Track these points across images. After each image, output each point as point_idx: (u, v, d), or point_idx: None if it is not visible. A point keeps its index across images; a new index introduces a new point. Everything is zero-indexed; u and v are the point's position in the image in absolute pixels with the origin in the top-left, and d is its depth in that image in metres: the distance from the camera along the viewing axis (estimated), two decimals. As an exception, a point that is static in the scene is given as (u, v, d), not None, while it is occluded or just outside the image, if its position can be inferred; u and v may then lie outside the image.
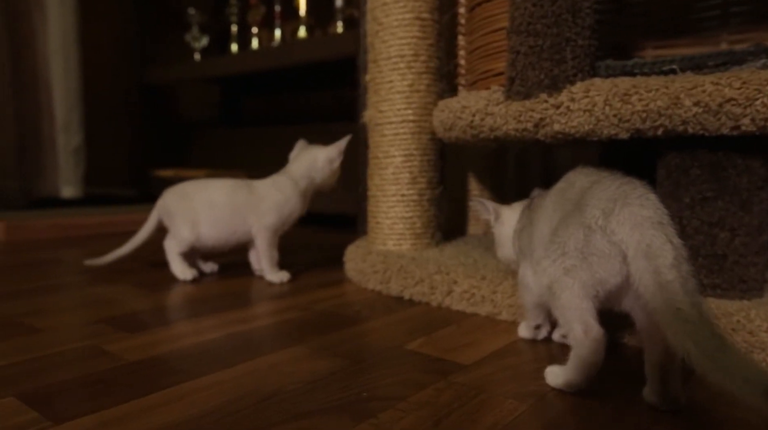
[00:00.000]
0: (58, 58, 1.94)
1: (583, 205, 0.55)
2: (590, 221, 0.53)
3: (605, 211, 0.53)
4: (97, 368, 0.61)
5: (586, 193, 0.56)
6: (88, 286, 1.02)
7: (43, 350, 0.67)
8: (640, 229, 0.50)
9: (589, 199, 0.55)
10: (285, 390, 0.56)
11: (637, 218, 0.50)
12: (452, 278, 0.90)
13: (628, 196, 0.52)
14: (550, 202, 0.64)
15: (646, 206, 0.51)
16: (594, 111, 0.72)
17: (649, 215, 0.50)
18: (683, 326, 0.43)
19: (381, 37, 1.08)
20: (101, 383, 0.57)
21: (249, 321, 0.81)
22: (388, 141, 1.09)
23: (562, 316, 0.56)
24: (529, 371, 0.63)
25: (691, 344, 0.42)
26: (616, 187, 0.54)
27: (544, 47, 0.77)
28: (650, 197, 0.52)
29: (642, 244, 0.49)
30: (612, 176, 0.56)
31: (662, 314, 0.45)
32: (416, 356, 0.67)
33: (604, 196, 0.54)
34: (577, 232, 0.54)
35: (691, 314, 0.43)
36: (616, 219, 0.52)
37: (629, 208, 0.51)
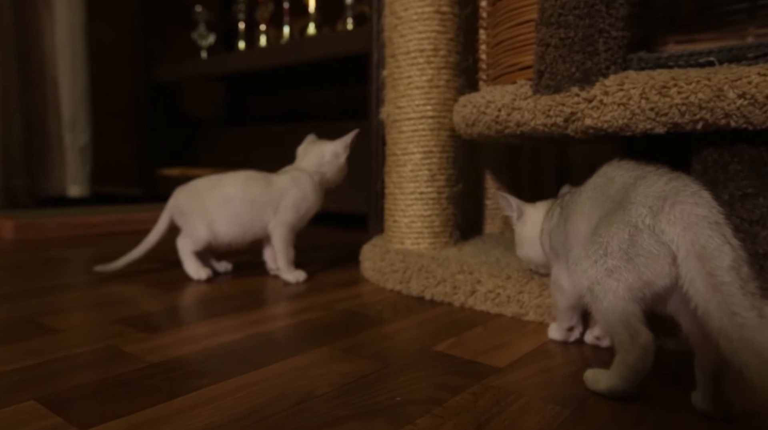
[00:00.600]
0: (65, 56, 1.92)
1: (627, 202, 0.53)
2: (636, 220, 0.51)
3: (653, 209, 0.50)
4: (119, 370, 0.59)
5: (630, 190, 0.54)
6: (100, 285, 1.00)
7: (61, 352, 0.64)
8: (695, 229, 0.47)
9: (633, 197, 0.52)
10: (317, 394, 0.54)
11: (690, 218, 0.48)
12: (476, 278, 0.88)
13: (679, 193, 0.50)
14: (586, 198, 0.61)
15: (700, 204, 0.48)
16: (629, 105, 0.70)
17: (704, 213, 0.48)
18: (739, 333, 0.40)
19: (399, 31, 1.06)
20: (124, 386, 0.55)
21: (269, 322, 0.79)
22: (406, 138, 1.07)
23: (606, 320, 0.53)
24: (564, 374, 0.61)
25: (748, 352, 0.39)
26: (664, 183, 0.51)
27: (575, 39, 0.74)
28: (704, 195, 0.50)
29: (696, 244, 0.46)
30: (658, 171, 0.54)
31: (716, 320, 0.42)
32: (447, 358, 0.65)
33: (651, 192, 0.51)
34: (622, 231, 0.52)
35: (749, 318, 0.41)
36: (666, 218, 0.49)
37: (681, 206, 0.49)
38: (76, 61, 1.94)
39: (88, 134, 2.03)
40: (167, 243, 1.11)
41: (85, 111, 2.01)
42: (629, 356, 0.51)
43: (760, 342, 0.39)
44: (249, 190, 1.04)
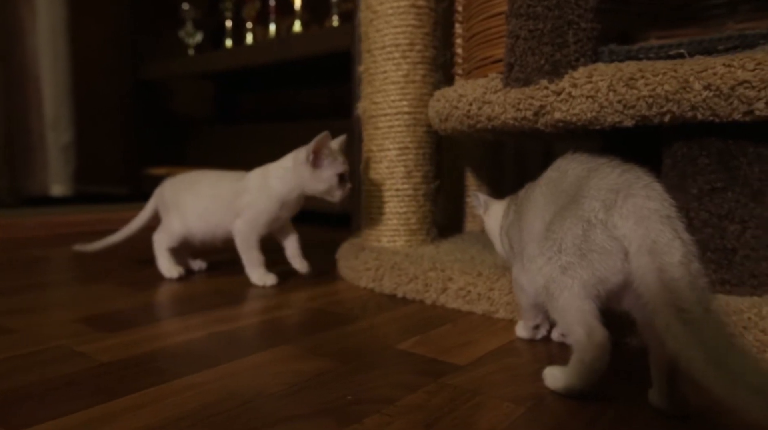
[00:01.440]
0: (47, 54, 1.90)
1: (580, 196, 0.51)
2: (589, 215, 0.49)
3: (606, 203, 0.49)
4: (66, 370, 0.57)
5: (583, 183, 0.52)
6: (72, 284, 0.98)
7: (10, 352, 0.63)
8: (646, 223, 0.46)
9: (587, 190, 0.51)
10: (268, 393, 0.53)
11: (642, 211, 0.46)
12: (447, 275, 0.86)
13: (631, 186, 0.48)
14: (540, 193, 0.60)
15: (652, 197, 0.47)
16: (597, 97, 0.68)
17: (656, 207, 0.46)
18: (685, 329, 0.39)
19: (375, 25, 1.05)
20: (70, 386, 0.54)
21: (234, 320, 0.77)
22: (382, 134, 1.06)
23: (562, 318, 0.52)
24: (527, 372, 0.59)
25: (694, 349, 0.38)
26: (617, 176, 0.50)
27: (544, 31, 0.73)
28: (656, 187, 0.48)
29: (647, 239, 0.45)
30: (611, 163, 0.52)
31: (663, 316, 0.41)
32: (409, 357, 0.63)
33: (604, 185, 0.50)
34: (575, 226, 0.50)
35: (696, 313, 0.40)
36: (619, 212, 0.48)
37: (633, 199, 0.47)
38: (58, 60, 1.93)
39: (72, 133, 2.01)
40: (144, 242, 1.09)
41: (68, 110, 1.99)
42: (585, 354, 0.50)
43: (704, 338, 0.37)
44: (217, 186, 1.02)
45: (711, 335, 0.38)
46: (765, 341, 0.58)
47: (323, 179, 0.94)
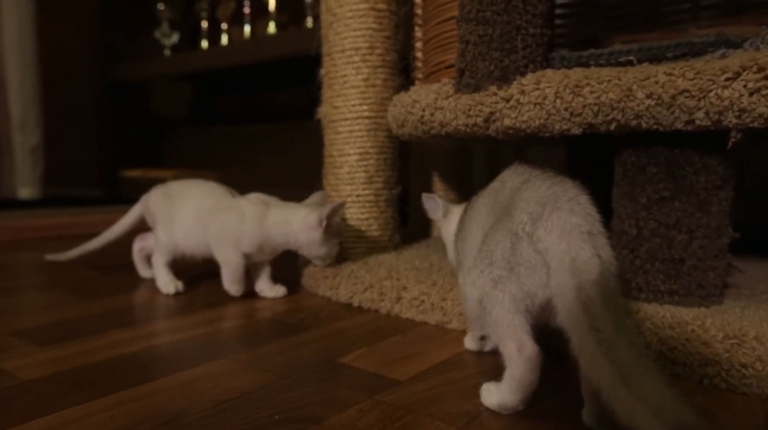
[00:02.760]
0: (14, 53, 1.86)
1: (512, 209, 0.50)
2: (517, 227, 0.48)
3: (533, 215, 0.47)
4: (-14, 388, 0.55)
5: (515, 195, 0.51)
6: (22, 292, 0.95)
7: (-66, 367, 0.60)
8: (568, 238, 0.44)
9: (518, 202, 0.50)
10: (190, 412, 0.51)
11: (565, 226, 0.45)
12: (402, 284, 0.85)
13: (558, 199, 0.47)
14: (482, 204, 0.59)
15: (575, 212, 0.46)
16: (544, 104, 0.67)
17: (578, 222, 0.45)
18: (597, 348, 0.38)
19: (335, 29, 1.03)
20: (-15, 406, 0.51)
21: (178, 331, 0.75)
22: (342, 139, 1.04)
23: (494, 332, 0.51)
24: (469, 387, 0.58)
25: (604, 369, 0.36)
26: (545, 188, 0.49)
27: (494, 36, 0.72)
28: (581, 201, 0.47)
29: (567, 256, 0.44)
30: (542, 175, 0.51)
31: (577, 335, 0.40)
32: (348, 371, 0.62)
33: (533, 198, 0.49)
34: (505, 239, 0.49)
35: (608, 332, 0.38)
36: (544, 225, 0.46)
37: (558, 213, 0.46)
38: (25, 60, 1.89)
39: (39, 135, 1.97)
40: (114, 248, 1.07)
41: (36, 111, 1.95)
42: (516, 369, 0.48)
43: (614, 358, 0.36)
44: (203, 203, 0.95)
45: (621, 355, 0.36)
46: (706, 354, 0.57)
47: (327, 245, 0.91)
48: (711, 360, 0.56)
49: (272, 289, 0.95)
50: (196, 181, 1.01)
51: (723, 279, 0.66)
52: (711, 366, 0.56)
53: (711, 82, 0.55)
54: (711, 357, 0.56)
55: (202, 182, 1.00)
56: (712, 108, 0.56)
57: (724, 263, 0.66)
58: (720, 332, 0.56)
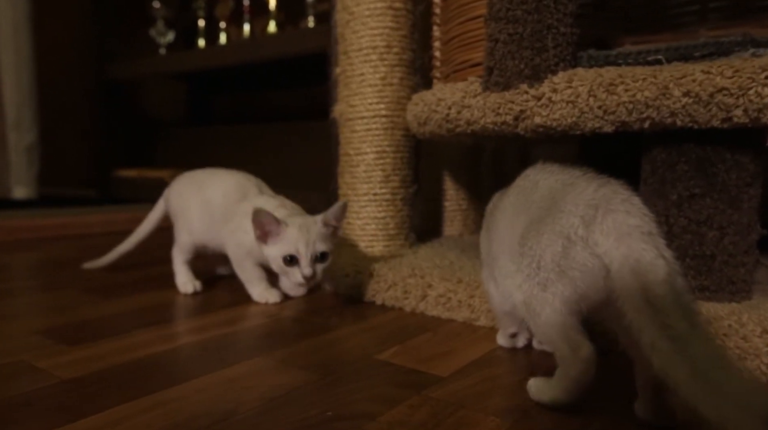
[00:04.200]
0: (9, 52, 1.82)
1: (557, 211, 0.50)
2: (569, 231, 0.48)
3: (585, 219, 0.48)
4: (26, 387, 0.54)
5: (558, 197, 0.51)
6: (33, 292, 0.93)
7: (-36, 368, 0.59)
8: (627, 240, 0.45)
9: (563, 205, 0.50)
10: (241, 410, 0.50)
11: (623, 228, 0.45)
12: (427, 282, 0.85)
13: (610, 200, 0.47)
14: (509, 204, 0.59)
15: (632, 213, 0.46)
16: (577, 102, 0.68)
17: (637, 223, 0.45)
18: (671, 346, 0.38)
19: (352, 27, 1.03)
20: (28, 406, 0.50)
21: (206, 330, 0.74)
22: (359, 137, 1.04)
23: (545, 335, 0.51)
24: (510, 383, 0.58)
25: (680, 366, 0.37)
26: (593, 191, 0.49)
27: (524, 35, 0.72)
28: (635, 202, 0.48)
29: (630, 258, 0.44)
30: (586, 177, 0.52)
31: (648, 334, 0.40)
32: (388, 368, 0.61)
33: (581, 200, 0.49)
34: (554, 243, 0.49)
35: (681, 329, 0.39)
36: (599, 229, 0.46)
37: (613, 215, 0.46)
38: (20, 58, 1.85)
39: (35, 134, 1.94)
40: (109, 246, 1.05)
41: (31, 109, 1.91)
42: (571, 369, 0.49)
43: (690, 355, 0.36)
44: (227, 196, 0.91)
45: (697, 351, 0.37)
46: (745, 348, 0.58)
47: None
48: (750, 354, 0.57)
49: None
50: (224, 170, 0.98)
51: (752, 275, 0.68)
52: (750, 360, 0.57)
53: (750, 80, 0.56)
54: (751, 351, 0.57)
55: (232, 172, 0.97)
56: (751, 106, 0.57)
57: (753, 259, 0.67)
58: (758, 327, 0.57)
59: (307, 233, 0.78)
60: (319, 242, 0.79)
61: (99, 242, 1.53)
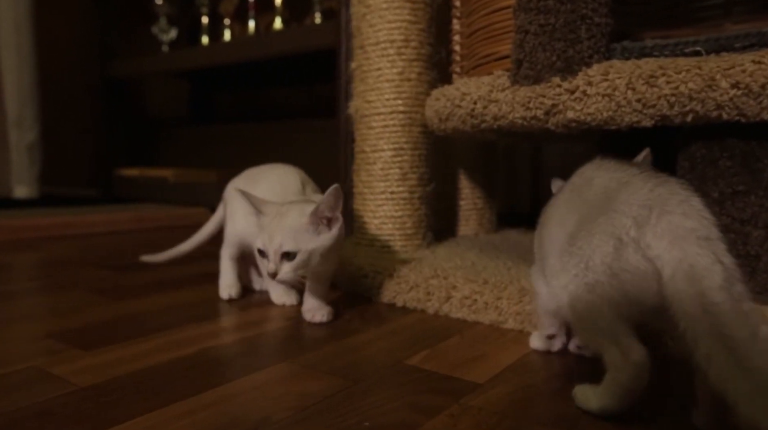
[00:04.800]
0: (10, 50, 1.79)
1: (610, 210, 0.47)
2: (620, 232, 0.46)
3: (638, 220, 0.45)
4: (42, 396, 0.51)
5: (613, 196, 0.48)
6: (40, 294, 0.90)
7: (-26, 375, 0.55)
8: (682, 244, 0.42)
9: (616, 204, 0.47)
10: (275, 419, 0.47)
11: (678, 231, 0.43)
12: (451, 283, 0.82)
13: (666, 202, 0.44)
14: (563, 201, 0.56)
15: (689, 216, 0.43)
16: (614, 96, 0.65)
17: (693, 226, 0.43)
18: (729, 357, 0.35)
19: (368, 20, 1.00)
20: (46, 416, 0.47)
21: (224, 334, 0.71)
22: (376, 134, 1.01)
23: (592, 339, 0.48)
24: (551, 390, 0.55)
25: (739, 379, 0.34)
26: (649, 190, 0.46)
27: (556, 26, 0.70)
28: (694, 203, 0.45)
29: (684, 263, 0.41)
30: (642, 175, 0.49)
31: (704, 345, 0.37)
32: (420, 374, 0.58)
33: (635, 200, 0.46)
34: (605, 244, 0.47)
35: (740, 338, 0.36)
36: (653, 231, 0.44)
37: (668, 217, 0.44)
38: (22, 56, 1.81)
39: (36, 132, 1.90)
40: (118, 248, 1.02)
41: (33, 108, 1.87)
42: (621, 375, 0.46)
43: (751, 367, 0.34)
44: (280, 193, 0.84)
45: (758, 364, 0.34)
46: (797, 352, 0.55)
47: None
48: (805, 358, 0.54)
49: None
50: (277, 165, 0.93)
51: (796, 275, 0.65)
52: (805, 364, 0.54)
53: (806, 71, 0.54)
54: (806, 355, 0.54)
55: (284, 167, 0.92)
56: (806, 98, 0.54)
57: (798, 259, 0.64)
58: (812, 329, 0.55)
59: (277, 226, 0.69)
60: (288, 238, 0.68)
61: (102, 242, 1.50)
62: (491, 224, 1.28)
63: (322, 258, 0.71)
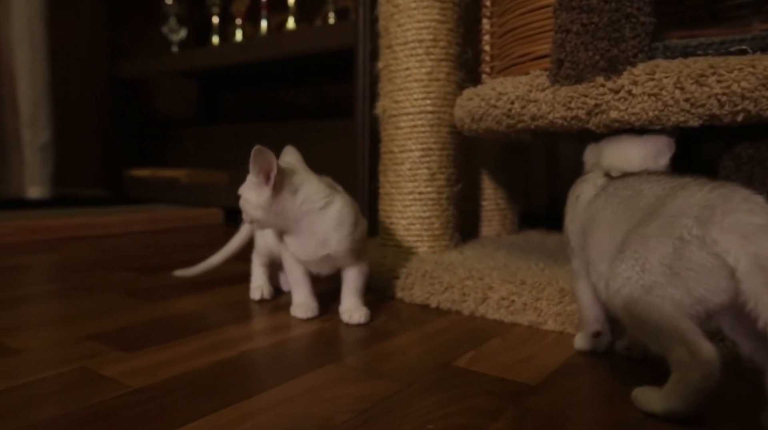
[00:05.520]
0: (24, 47, 1.78)
1: (665, 215, 0.48)
2: (681, 232, 0.46)
3: (700, 219, 0.45)
4: (96, 398, 0.50)
5: (667, 201, 0.49)
6: (70, 296, 0.89)
7: (23, 378, 0.54)
8: (754, 239, 0.42)
9: (673, 208, 0.48)
10: (336, 422, 0.46)
11: (747, 227, 0.43)
12: (487, 284, 0.81)
13: (729, 200, 0.45)
14: (611, 212, 0.56)
15: (756, 212, 0.44)
16: (661, 95, 0.64)
17: (763, 221, 0.43)
18: None
19: (397, 20, 0.99)
20: (106, 418, 0.46)
21: (263, 336, 0.71)
22: (404, 134, 1.00)
23: (655, 339, 0.48)
24: (605, 392, 0.55)
25: None
26: (707, 192, 0.47)
27: (600, 25, 0.69)
28: (757, 200, 0.45)
29: (760, 257, 0.41)
30: (697, 181, 0.49)
31: None
32: (472, 376, 0.58)
33: (694, 202, 0.47)
34: (663, 245, 0.47)
35: None
36: (719, 227, 0.44)
37: (734, 214, 0.44)
38: (35, 53, 1.80)
39: (50, 132, 1.89)
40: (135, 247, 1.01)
41: (46, 107, 1.86)
42: (691, 374, 0.45)
43: None
44: None
45: None
46: None
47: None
48: None
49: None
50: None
51: None
52: None
53: None
54: None
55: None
56: None
57: None
58: None
59: None
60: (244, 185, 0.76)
61: (119, 243, 1.49)
62: (513, 224, 1.28)
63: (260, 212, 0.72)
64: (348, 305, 0.78)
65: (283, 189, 0.72)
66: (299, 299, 0.80)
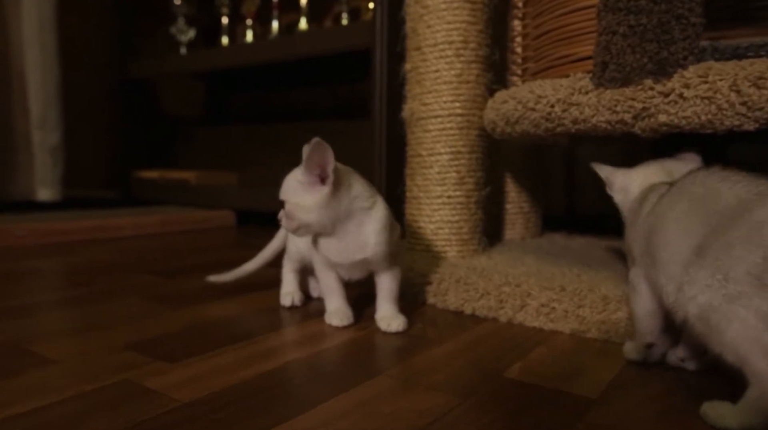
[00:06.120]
0: (34, 48, 1.75)
1: (752, 221, 0.46)
2: None
3: None
4: (145, 413, 0.48)
5: (755, 207, 0.47)
6: (89, 301, 0.87)
7: (63, 391, 0.52)
8: None
9: (763, 215, 0.46)
10: (398, 440, 0.45)
11: None
12: (525, 290, 0.79)
13: None
14: (681, 212, 0.54)
15: None
16: (715, 98, 0.63)
17: None
18: None
19: (426, 21, 0.97)
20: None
21: (304, 345, 0.69)
22: (433, 137, 0.98)
23: (732, 350, 0.46)
24: (670, 405, 0.53)
25: None
26: None
27: (648, 26, 0.67)
28: None
29: None
30: None
31: None
32: (525, 388, 0.56)
33: None
34: (750, 254, 0.45)
35: None
36: None
37: None
38: (45, 55, 1.78)
39: (60, 133, 1.86)
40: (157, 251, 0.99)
41: (56, 108, 1.84)
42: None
43: None
44: None
45: None
46: None
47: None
48: None
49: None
50: None
51: None
52: None
53: None
54: None
55: None
56: None
57: None
58: None
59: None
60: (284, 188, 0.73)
61: (132, 246, 1.47)
62: (537, 228, 1.26)
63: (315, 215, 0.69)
64: (385, 313, 0.76)
65: (341, 184, 0.69)
66: (333, 306, 0.78)
